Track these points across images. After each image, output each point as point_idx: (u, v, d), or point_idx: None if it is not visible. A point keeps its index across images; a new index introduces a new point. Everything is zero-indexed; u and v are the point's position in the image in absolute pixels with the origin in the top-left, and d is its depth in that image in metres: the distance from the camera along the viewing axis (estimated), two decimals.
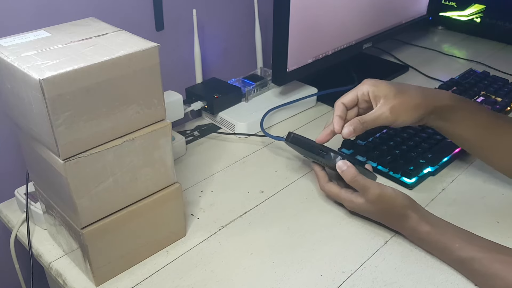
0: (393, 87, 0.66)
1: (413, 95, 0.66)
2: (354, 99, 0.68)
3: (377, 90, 0.66)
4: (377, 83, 0.67)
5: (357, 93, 0.68)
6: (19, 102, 0.51)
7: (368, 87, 0.67)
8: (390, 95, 0.65)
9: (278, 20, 0.84)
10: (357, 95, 0.68)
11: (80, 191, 0.51)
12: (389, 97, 0.65)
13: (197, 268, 0.61)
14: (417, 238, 0.62)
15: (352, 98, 0.68)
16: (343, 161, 0.65)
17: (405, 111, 0.65)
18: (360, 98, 0.68)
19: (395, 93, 0.65)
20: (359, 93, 0.68)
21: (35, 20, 0.73)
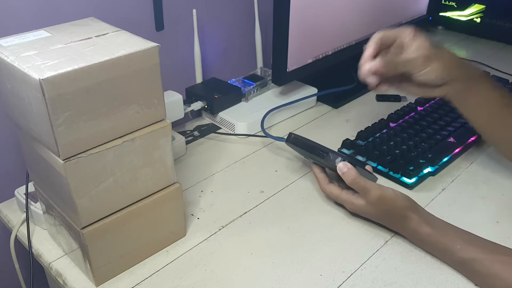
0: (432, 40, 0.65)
1: (447, 53, 0.65)
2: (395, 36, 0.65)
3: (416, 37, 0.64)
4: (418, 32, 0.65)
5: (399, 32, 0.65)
6: (19, 102, 0.51)
7: (411, 31, 0.64)
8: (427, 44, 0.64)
9: (278, 20, 0.84)
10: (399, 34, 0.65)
11: (80, 191, 0.51)
12: (426, 45, 0.63)
13: (197, 268, 0.61)
14: (418, 239, 0.62)
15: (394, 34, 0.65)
16: (344, 163, 0.65)
17: (437, 63, 0.63)
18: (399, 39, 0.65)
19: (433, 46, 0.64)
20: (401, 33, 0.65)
21: (35, 20, 0.73)
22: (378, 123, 0.88)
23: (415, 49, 0.63)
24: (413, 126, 0.86)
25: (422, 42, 0.63)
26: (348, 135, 0.86)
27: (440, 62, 0.63)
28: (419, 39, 0.64)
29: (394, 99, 1.01)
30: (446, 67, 0.63)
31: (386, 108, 0.96)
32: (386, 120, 0.89)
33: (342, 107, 0.99)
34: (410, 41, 0.64)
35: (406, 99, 1.01)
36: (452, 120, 0.88)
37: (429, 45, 0.63)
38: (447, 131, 0.84)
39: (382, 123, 0.88)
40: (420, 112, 0.91)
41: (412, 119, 0.88)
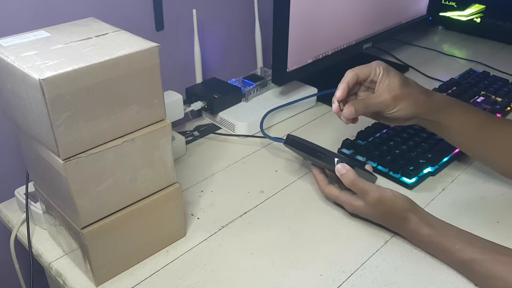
0: (400, 77, 0.67)
1: (415, 90, 0.68)
2: (368, 74, 0.68)
3: (386, 74, 0.67)
4: (388, 69, 0.68)
5: (371, 71, 0.68)
6: (19, 102, 0.51)
7: (382, 69, 0.67)
8: (396, 83, 0.66)
9: (278, 20, 0.84)
10: (371, 73, 0.68)
11: (80, 191, 0.51)
12: (395, 84, 0.66)
13: (197, 268, 0.61)
14: (418, 240, 0.62)
15: (366, 74, 0.68)
16: (342, 164, 0.65)
17: (405, 102, 0.66)
18: (371, 77, 0.68)
19: (401, 83, 0.67)
20: (372, 72, 0.68)
21: (35, 20, 0.73)
22: (378, 123, 0.88)
23: (384, 90, 0.66)
24: (413, 126, 0.86)
25: (391, 81, 0.66)
26: (348, 135, 0.86)
27: (408, 101, 0.66)
28: (389, 77, 0.67)
29: None
30: (413, 105, 0.66)
31: None
32: None
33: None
34: (381, 78, 0.67)
35: None
36: None
37: (398, 83, 0.66)
38: None
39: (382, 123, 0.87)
40: None
41: None
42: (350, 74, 0.68)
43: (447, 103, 0.69)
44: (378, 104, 0.67)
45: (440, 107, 0.68)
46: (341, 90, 0.68)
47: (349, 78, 0.68)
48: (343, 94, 0.68)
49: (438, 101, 0.69)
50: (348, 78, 0.68)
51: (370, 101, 0.67)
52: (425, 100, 0.67)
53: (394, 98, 0.66)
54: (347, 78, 0.68)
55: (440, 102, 0.69)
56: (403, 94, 0.66)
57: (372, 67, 0.68)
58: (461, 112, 0.69)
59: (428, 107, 0.68)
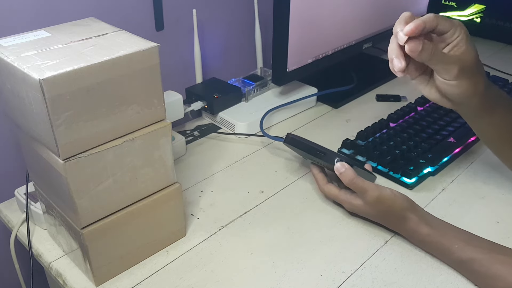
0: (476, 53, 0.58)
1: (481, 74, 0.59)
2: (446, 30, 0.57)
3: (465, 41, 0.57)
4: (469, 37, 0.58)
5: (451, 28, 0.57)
6: (19, 102, 0.51)
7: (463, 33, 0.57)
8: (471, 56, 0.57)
9: (278, 20, 0.84)
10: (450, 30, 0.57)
11: (80, 191, 0.51)
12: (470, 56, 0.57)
13: (197, 268, 0.61)
14: (417, 239, 0.62)
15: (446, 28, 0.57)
16: (341, 163, 0.65)
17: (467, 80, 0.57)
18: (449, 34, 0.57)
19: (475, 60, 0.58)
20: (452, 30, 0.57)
21: (35, 20, 0.73)
22: (378, 123, 0.88)
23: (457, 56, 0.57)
24: (413, 126, 0.86)
25: (469, 51, 0.57)
26: (348, 135, 0.86)
27: (470, 83, 0.58)
28: (466, 45, 0.57)
29: (394, 99, 1.01)
30: (472, 90, 0.58)
31: (386, 108, 0.96)
32: (386, 120, 0.89)
33: (342, 107, 0.99)
34: (457, 42, 0.57)
35: (406, 99, 1.01)
36: (452, 120, 0.88)
37: (473, 56, 0.58)
38: (447, 131, 0.84)
39: (382, 123, 0.88)
40: (420, 112, 0.91)
41: (412, 119, 0.88)
42: (431, 17, 0.56)
43: (499, 100, 0.62)
44: (444, 66, 0.56)
45: (491, 103, 0.61)
46: (416, 25, 0.54)
47: (429, 20, 0.55)
48: (417, 30, 0.54)
49: (492, 96, 0.61)
50: (427, 18, 0.55)
51: (440, 53, 0.56)
52: (483, 89, 0.59)
53: (462, 70, 0.57)
54: (427, 18, 0.55)
55: (494, 97, 0.62)
56: (471, 72, 0.57)
57: (454, 25, 0.57)
58: (506, 111, 0.63)
59: (482, 98, 0.60)
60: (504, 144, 0.67)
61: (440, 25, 0.56)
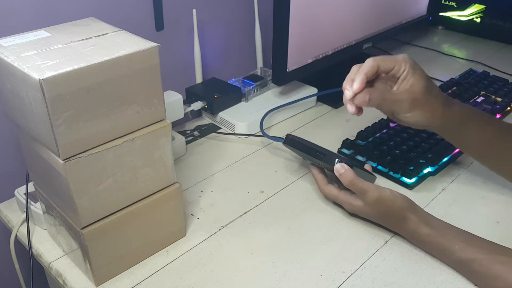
0: (425, 80, 0.60)
1: (436, 100, 0.62)
2: (390, 68, 0.60)
3: (412, 73, 0.60)
4: (415, 67, 0.60)
5: (395, 65, 0.60)
6: (19, 102, 0.51)
7: (408, 66, 0.60)
8: (419, 86, 0.60)
9: (278, 20, 0.84)
10: (394, 67, 0.60)
11: (80, 191, 0.51)
12: (418, 87, 0.60)
13: (197, 268, 0.61)
14: (417, 240, 0.62)
15: (389, 67, 0.60)
16: (341, 164, 0.65)
17: (421, 110, 0.61)
18: (393, 72, 0.60)
19: (425, 88, 0.60)
20: (397, 67, 0.60)
21: (35, 20, 0.73)
22: (378, 123, 0.88)
23: (405, 90, 0.60)
24: None
25: (416, 83, 0.60)
26: (348, 135, 0.86)
27: (425, 110, 0.61)
28: (413, 77, 0.60)
29: None
30: (429, 116, 0.61)
31: None
32: (386, 120, 0.89)
33: (342, 107, 0.99)
34: (404, 76, 0.60)
35: None
36: None
37: (422, 87, 0.60)
38: None
39: (382, 123, 0.88)
40: None
41: None
42: (370, 64, 0.60)
43: (464, 116, 0.64)
44: (394, 103, 0.61)
45: (456, 120, 0.63)
46: (359, 83, 0.59)
47: (368, 68, 0.59)
48: (361, 87, 0.59)
49: (455, 113, 0.63)
50: (367, 69, 0.59)
51: (388, 96, 0.60)
52: (443, 112, 0.62)
53: (413, 102, 0.60)
54: (366, 69, 0.59)
55: (457, 114, 0.63)
56: (423, 101, 0.60)
57: (398, 62, 0.60)
58: (477, 125, 0.65)
59: (445, 120, 0.62)
60: (485, 155, 0.68)
61: (381, 67, 0.60)
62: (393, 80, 0.61)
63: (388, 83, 0.62)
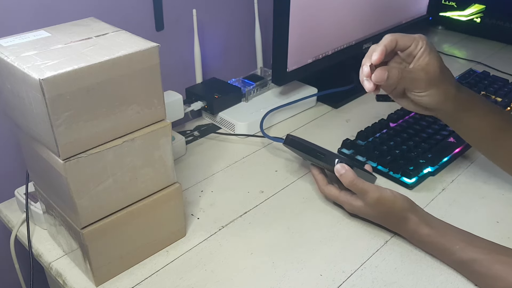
0: (440, 60, 0.62)
1: (449, 80, 0.62)
2: (408, 45, 0.61)
3: (428, 52, 0.61)
4: (431, 47, 0.61)
5: (412, 42, 0.61)
6: (19, 102, 0.51)
7: (424, 45, 0.61)
8: (435, 66, 0.60)
9: (278, 20, 0.84)
10: (412, 44, 0.61)
11: (80, 191, 0.51)
12: (434, 67, 0.60)
13: (197, 268, 0.61)
14: (417, 240, 0.62)
15: (407, 43, 0.61)
16: (341, 165, 0.65)
17: (436, 89, 0.61)
18: (411, 49, 0.61)
19: (440, 68, 0.61)
20: (414, 44, 0.61)
21: (35, 20, 0.73)
22: (378, 123, 0.88)
23: (422, 68, 0.60)
24: (413, 126, 0.86)
25: (432, 61, 0.61)
26: (348, 135, 0.86)
27: (439, 89, 0.61)
28: (429, 56, 0.61)
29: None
30: (442, 95, 0.61)
31: (386, 108, 0.96)
32: (386, 120, 0.89)
33: (342, 107, 0.99)
34: (421, 54, 0.61)
35: None
36: None
37: (438, 66, 0.61)
38: (447, 131, 0.84)
39: (382, 123, 0.88)
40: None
41: (412, 119, 0.88)
42: (389, 38, 0.61)
43: (472, 102, 0.65)
44: (412, 80, 0.60)
45: (465, 105, 0.64)
46: (379, 53, 0.59)
47: (388, 41, 0.60)
48: (381, 57, 0.59)
49: (464, 98, 0.64)
50: (386, 41, 0.60)
51: (406, 74, 0.60)
52: (454, 94, 0.62)
53: (429, 81, 0.60)
54: (386, 41, 0.60)
55: (466, 99, 0.64)
56: (438, 80, 0.60)
57: (415, 39, 0.61)
58: (484, 112, 0.65)
59: (455, 102, 0.63)
60: (488, 144, 0.68)
61: (400, 42, 0.61)
62: (408, 60, 0.62)
63: (404, 63, 0.63)
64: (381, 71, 0.58)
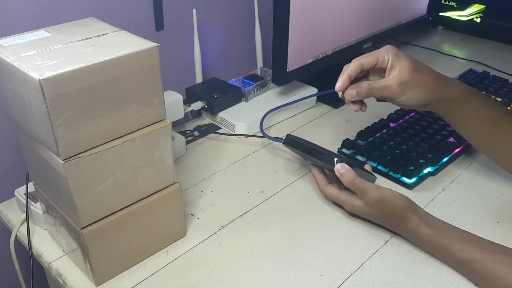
0: (411, 63, 0.64)
1: (428, 77, 0.64)
2: (374, 63, 0.65)
3: (396, 60, 0.64)
4: (399, 54, 0.64)
5: (378, 58, 0.65)
6: (19, 102, 0.51)
7: (391, 55, 0.64)
8: (406, 69, 0.63)
9: (278, 20, 0.84)
10: (378, 60, 0.65)
11: (80, 191, 0.51)
12: (404, 71, 0.63)
13: (197, 268, 0.61)
14: (417, 240, 0.62)
15: (372, 62, 0.65)
16: (341, 164, 0.65)
17: (415, 89, 0.63)
18: (379, 64, 0.65)
19: (412, 69, 0.63)
20: (380, 59, 0.65)
21: (35, 20, 0.73)
22: (378, 123, 0.88)
23: (393, 76, 0.63)
24: (413, 126, 0.86)
25: (401, 67, 0.63)
26: (348, 135, 0.86)
27: (418, 89, 0.63)
28: (399, 63, 0.64)
29: None
30: (424, 93, 0.63)
31: (386, 108, 0.96)
32: (386, 120, 0.89)
33: (342, 107, 0.99)
34: (390, 65, 0.64)
35: None
36: None
37: (408, 70, 0.63)
38: (447, 131, 0.84)
39: (382, 123, 0.88)
40: (420, 112, 0.91)
41: (412, 119, 0.88)
42: (353, 65, 0.65)
43: (464, 93, 0.66)
44: (383, 89, 0.64)
45: (455, 97, 0.65)
46: (340, 82, 0.65)
47: (351, 69, 0.65)
48: (343, 86, 0.65)
49: (454, 90, 0.65)
50: (350, 69, 0.65)
51: (374, 84, 0.64)
52: (439, 88, 0.64)
53: (402, 84, 0.63)
54: (349, 69, 0.65)
55: (456, 91, 0.65)
56: (413, 81, 0.63)
57: (380, 55, 0.65)
58: (477, 104, 0.66)
59: (442, 95, 0.64)
60: (484, 138, 0.68)
61: (365, 64, 0.65)
62: (381, 74, 0.66)
63: (381, 75, 0.67)
64: (350, 90, 0.65)
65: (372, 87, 0.64)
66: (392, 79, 0.63)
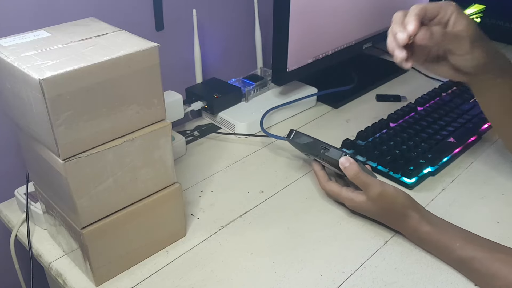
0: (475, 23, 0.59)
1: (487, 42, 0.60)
2: (436, 13, 0.58)
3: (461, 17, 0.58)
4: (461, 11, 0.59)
5: (440, 9, 0.58)
6: (19, 102, 0.51)
7: (454, 8, 0.58)
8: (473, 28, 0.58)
9: (278, 20, 0.84)
10: (439, 12, 0.58)
11: (80, 191, 0.51)
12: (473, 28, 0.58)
13: (197, 268, 0.61)
14: (417, 237, 0.62)
15: (434, 12, 0.58)
16: (346, 157, 0.65)
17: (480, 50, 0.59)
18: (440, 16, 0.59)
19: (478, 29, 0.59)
20: (442, 11, 0.58)
21: (35, 20, 0.73)
22: (378, 123, 0.88)
23: (464, 29, 0.58)
24: (413, 126, 0.86)
25: (469, 21, 0.58)
26: (348, 135, 0.86)
27: (484, 53, 0.59)
28: (465, 20, 0.58)
29: (394, 99, 1.01)
30: (485, 59, 0.59)
31: (386, 108, 0.96)
32: (386, 120, 0.89)
33: (342, 107, 0.99)
34: (455, 18, 0.58)
35: (406, 99, 1.01)
36: (452, 120, 0.88)
37: (475, 27, 0.58)
38: (447, 131, 0.84)
39: (382, 123, 0.88)
40: (420, 112, 0.91)
41: (412, 119, 0.88)
42: (418, 7, 0.57)
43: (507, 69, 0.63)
44: (455, 38, 0.57)
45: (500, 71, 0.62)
46: (414, 22, 0.55)
47: (417, 10, 0.57)
48: (417, 26, 0.55)
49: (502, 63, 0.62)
50: (416, 10, 0.57)
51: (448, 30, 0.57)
52: (494, 58, 0.60)
53: (472, 41, 0.58)
54: (416, 10, 0.57)
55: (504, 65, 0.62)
56: (481, 40, 0.59)
57: (442, 6, 0.58)
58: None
59: (494, 67, 0.61)
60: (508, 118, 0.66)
61: (428, 11, 0.58)
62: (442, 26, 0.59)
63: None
64: (424, 30, 0.55)
65: (445, 32, 0.57)
66: (464, 32, 0.57)
